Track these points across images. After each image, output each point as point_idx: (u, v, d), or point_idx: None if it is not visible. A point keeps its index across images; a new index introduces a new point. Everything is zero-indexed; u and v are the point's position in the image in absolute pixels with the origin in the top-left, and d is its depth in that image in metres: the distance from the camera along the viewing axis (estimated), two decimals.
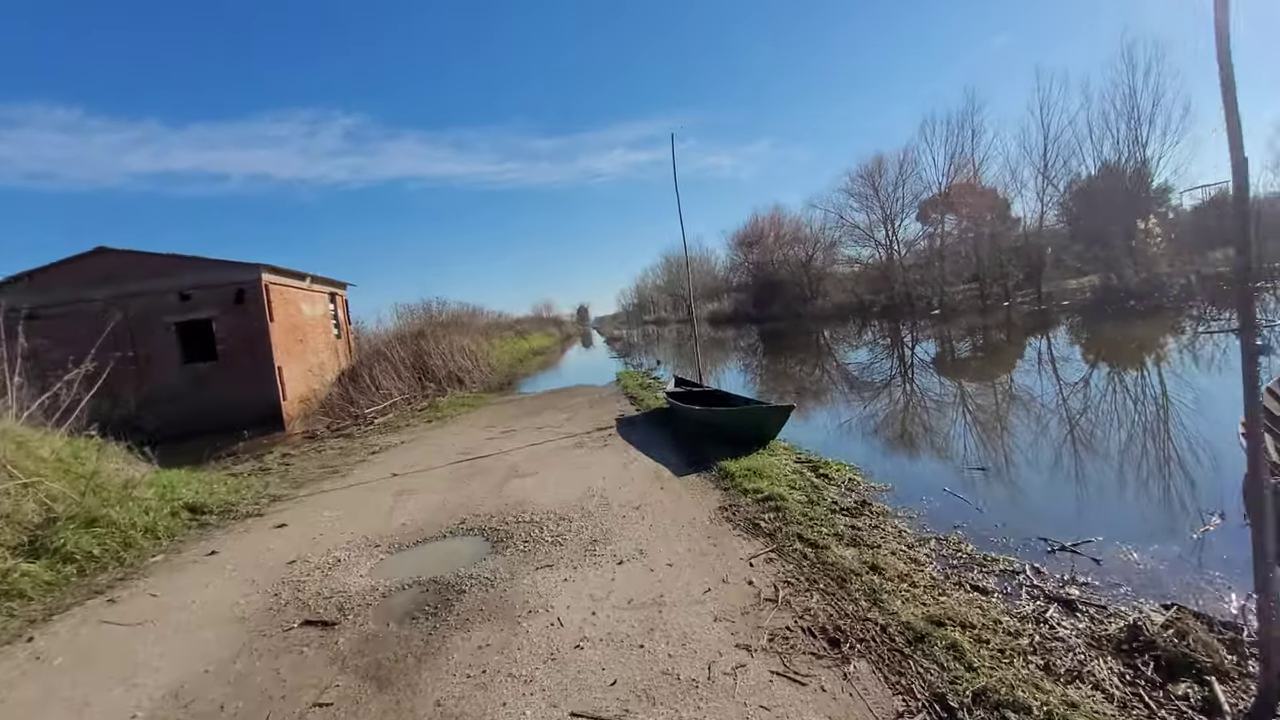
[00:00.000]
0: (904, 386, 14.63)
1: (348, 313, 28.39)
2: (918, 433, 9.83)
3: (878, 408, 12.40)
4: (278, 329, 21.61)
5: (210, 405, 20.98)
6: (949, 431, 9.52)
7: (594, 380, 20.87)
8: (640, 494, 6.63)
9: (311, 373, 23.48)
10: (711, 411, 9.16)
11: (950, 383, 14.31)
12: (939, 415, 11.12)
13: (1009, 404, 11.40)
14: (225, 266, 20.96)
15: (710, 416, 9.07)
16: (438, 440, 11.85)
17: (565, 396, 16.85)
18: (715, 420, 8.87)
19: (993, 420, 10.20)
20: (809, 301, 44.05)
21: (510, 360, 31.66)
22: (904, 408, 12.16)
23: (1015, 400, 11.61)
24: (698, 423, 9.35)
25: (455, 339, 25.63)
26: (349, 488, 8.58)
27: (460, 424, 13.87)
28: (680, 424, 10.18)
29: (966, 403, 11.99)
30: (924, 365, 18.21)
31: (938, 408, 11.84)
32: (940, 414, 11.23)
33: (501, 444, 10.57)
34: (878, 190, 37.35)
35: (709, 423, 9.02)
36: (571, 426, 11.68)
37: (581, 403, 15.10)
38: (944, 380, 14.82)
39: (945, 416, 11.00)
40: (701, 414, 9.34)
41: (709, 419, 9.04)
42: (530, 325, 51.24)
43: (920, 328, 29.00)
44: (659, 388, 16.54)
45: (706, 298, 76.45)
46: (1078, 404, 10.59)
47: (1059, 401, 10.91)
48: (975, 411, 11.26)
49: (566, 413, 13.69)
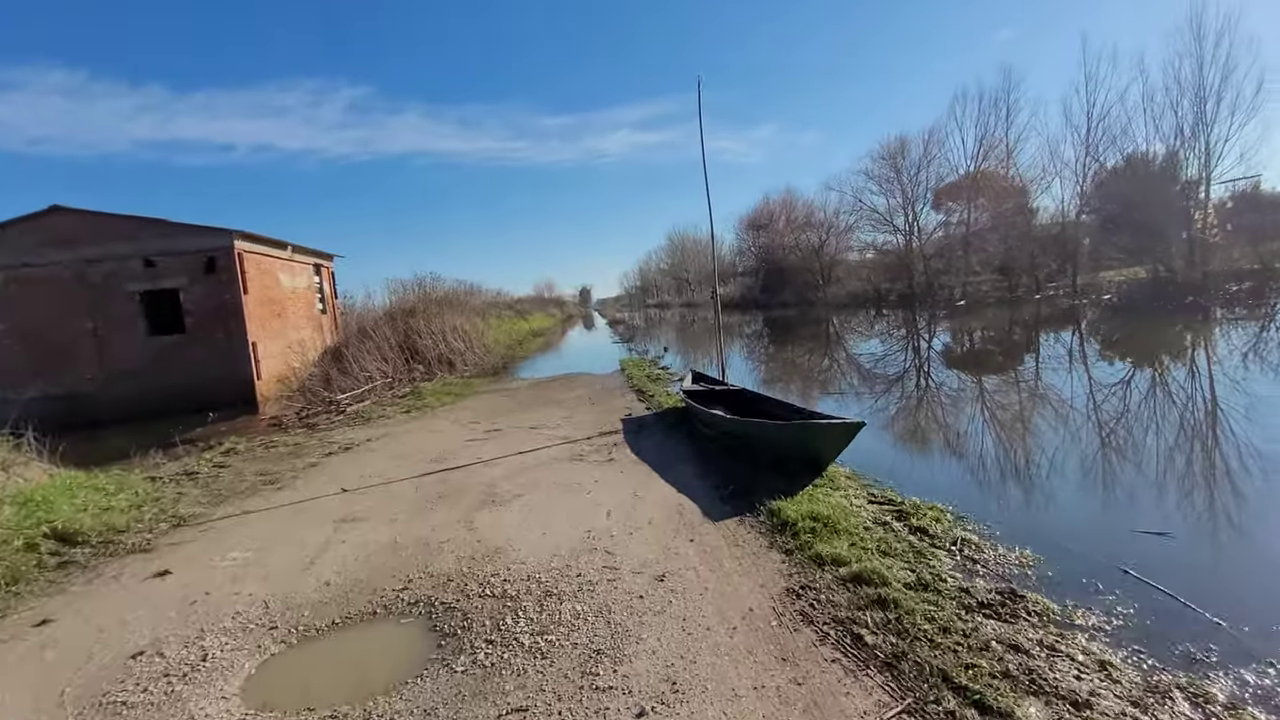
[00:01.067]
0: (967, 386, 12.57)
1: (334, 286, 26.27)
2: (998, 453, 7.70)
3: (939, 415, 10.34)
4: (252, 301, 19.54)
5: (177, 383, 19.00)
6: (1054, 457, 7.17)
7: (596, 367, 18.83)
8: (662, 548, 4.63)
9: (291, 350, 21.45)
10: (751, 424, 7.05)
11: (1033, 384, 12.26)
12: (1020, 429, 8.94)
13: (1147, 419, 9.00)
14: (194, 231, 18.83)
15: (749, 429, 6.97)
16: (410, 439, 9.85)
17: (564, 387, 14.83)
18: (755, 435, 6.80)
19: (1123, 444, 7.60)
20: (821, 289, 41.84)
21: (508, 341, 29.61)
22: (979, 416, 9.96)
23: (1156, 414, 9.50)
24: (730, 435, 7.30)
25: (449, 318, 23.56)
26: (280, 508, 6.58)
27: (441, 418, 11.86)
28: (703, 432, 8.18)
29: (1069, 416, 9.81)
30: (975, 359, 16.15)
31: (1017, 418, 9.54)
32: (1026, 428, 8.88)
33: (483, 449, 8.57)
34: (900, 173, 34.98)
35: (745, 436, 6.96)
36: (569, 428, 9.67)
37: (582, 396, 13.07)
38: (1028, 381, 12.75)
39: (1037, 432, 8.55)
40: (736, 425, 7.26)
41: (746, 432, 6.97)
42: (531, 305, 49.12)
43: (940, 318, 26.91)
44: (669, 380, 14.51)
45: (710, 282, 74.14)
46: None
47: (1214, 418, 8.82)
48: (1087, 427, 9.10)
49: (564, 408, 11.68)
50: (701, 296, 71.07)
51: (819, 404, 11.03)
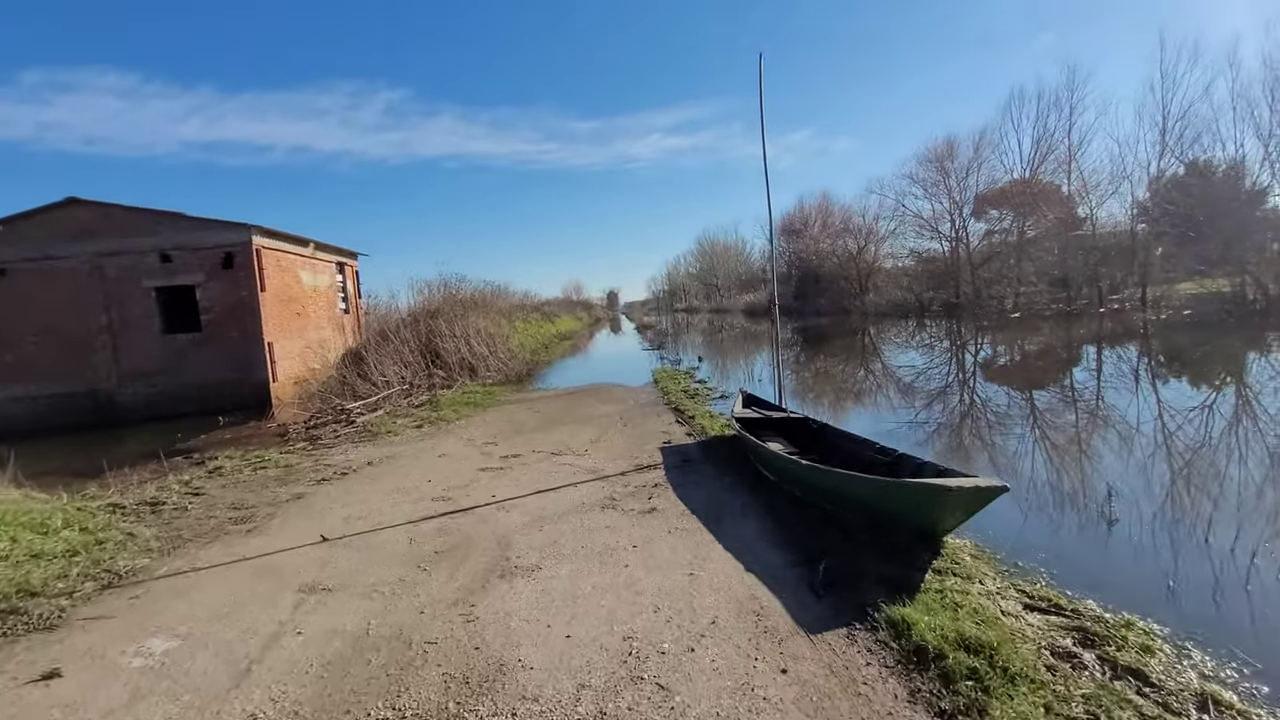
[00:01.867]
0: (1085, 417, 10.71)
1: (358, 285, 25.29)
2: (1184, 520, 5.58)
3: (1060, 457, 8.55)
4: (270, 299, 18.55)
5: (192, 384, 18.11)
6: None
7: (626, 377, 17.34)
8: (738, 683, 3.08)
9: (311, 351, 20.44)
10: (838, 476, 5.24)
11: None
12: (1202, 482, 7.01)
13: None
14: (212, 226, 17.90)
15: (837, 484, 5.24)
16: (417, 465, 8.45)
17: (592, 400, 13.36)
18: (846, 491, 5.14)
19: None
20: (858, 296, 39.76)
21: (534, 345, 28.33)
22: (1124, 458, 7.58)
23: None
24: (806, 485, 5.69)
25: (473, 320, 22.34)
26: (241, 563, 5.20)
27: (455, 435, 10.48)
28: (763, 470, 6.62)
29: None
30: (1081, 383, 14.21)
31: (1189, 468, 7.19)
32: (1214, 483, 6.51)
33: (498, 484, 7.12)
34: (947, 175, 32.80)
35: (830, 491, 5.36)
36: (599, 455, 8.17)
37: (612, 413, 11.58)
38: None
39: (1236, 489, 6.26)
40: (815, 475, 5.52)
41: (832, 487, 5.31)
42: (559, 307, 47.93)
43: (992, 330, 24.81)
44: (708, 397, 12.93)
45: (740, 288, 72.31)
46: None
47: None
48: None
49: (592, 428, 10.20)
50: (731, 302, 69.25)
51: (884, 431, 9.36)
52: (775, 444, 7.46)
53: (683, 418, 10.47)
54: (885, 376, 16.18)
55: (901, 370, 16.97)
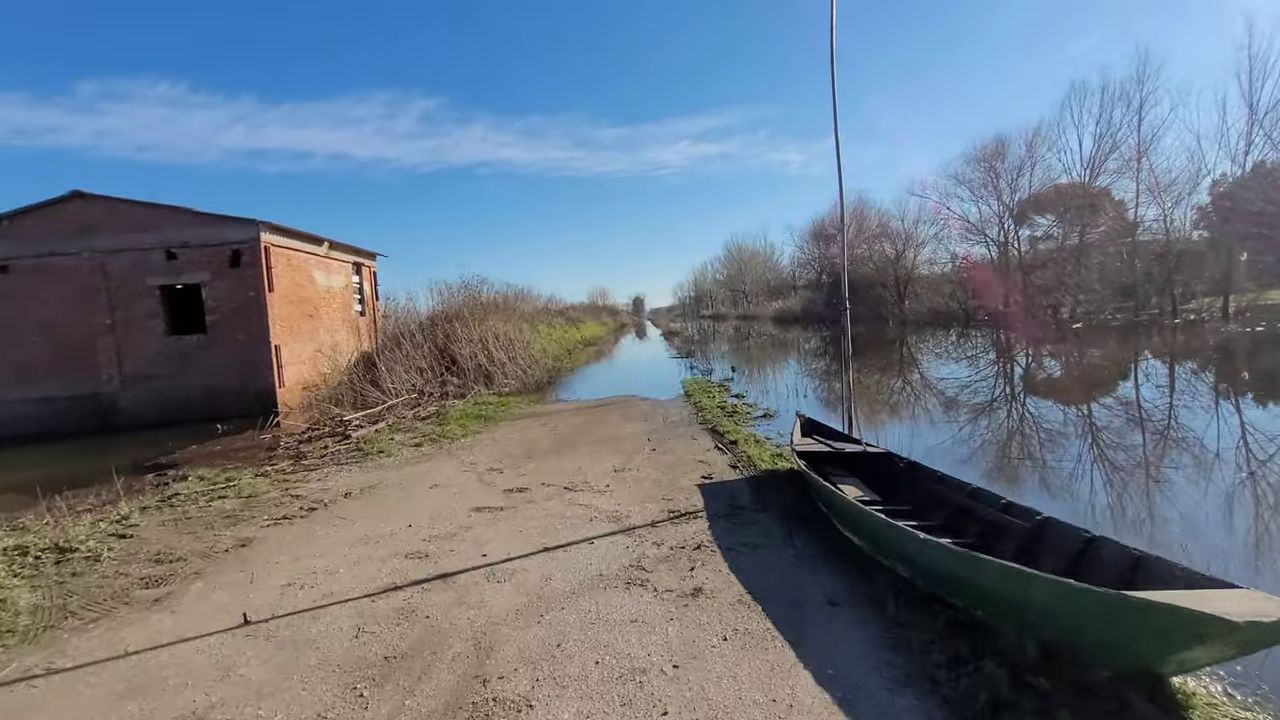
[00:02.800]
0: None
1: (376, 287, 24.08)
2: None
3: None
4: (279, 300, 17.34)
5: (196, 387, 16.95)
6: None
7: (653, 387, 15.62)
8: None
9: (323, 354, 19.19)
10: (1012, 574, 3.13)
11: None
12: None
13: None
14: (218, 222, 16.75)
15: (1003, 583, 3.21)
16: (402, 497, 6.86)
17: (616, 415, 11.68)
18: (1021, 595, 3.13)
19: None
20: (896, 304, 37.45)
21: (557, 350, 26.81)
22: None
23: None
24: (930, 572, 3.86)
25: (492, 324, 20.89)
26: (113, 661, 3.62)
27: (457, 456, 8.89)
28: (846, 531, 4.85)
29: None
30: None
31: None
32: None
33: (493, 532, 5.47)
34: (998, 176, 30.40)
35: (986, 590, 3.41)
36: (622, 492, 6.47)
37: (638, 433, 9.87)
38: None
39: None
40: (959, 563, 3.49)
41: (996, 587, 3.30)
42: (583, 312, 46.48)
43: (1055, 343, 22.45)
44: (748, 415, 11.13)
45: (769, 295, 70.13)
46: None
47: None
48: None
49: (615, 451, 8.51)
50: (759, 309, 67.11)
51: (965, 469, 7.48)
52: (850, 486, 5.67)
53: (723, 443, 8.70)
54: (951, 405, 14.15)
55: (963, 393, 14.91)
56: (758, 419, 10.78)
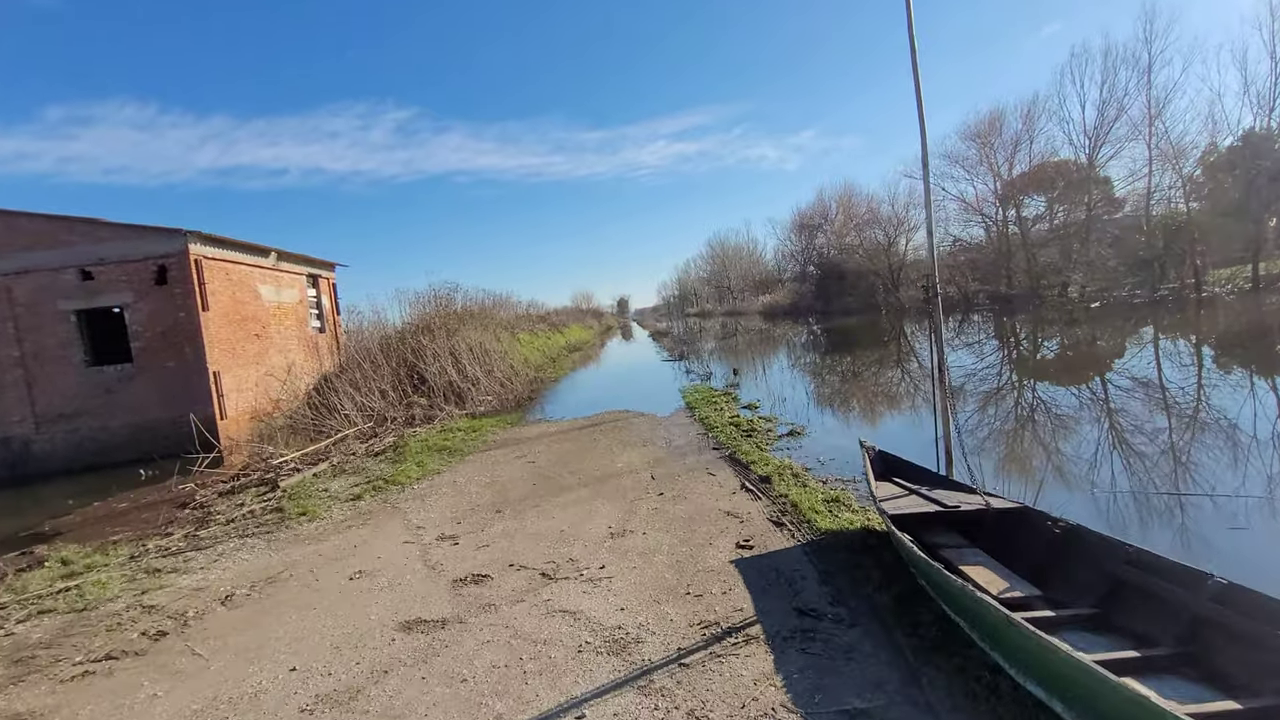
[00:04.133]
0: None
1: (337, 300, 21.64)
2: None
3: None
4: (217, 320, 14.93)
5: (123, 424, 14.51)
6: None
7: (648, 399, 13.45)
8: None
9: (274, 379, 16.78)
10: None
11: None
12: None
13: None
14: (139, 234, 14.31)
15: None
16: (305, 596, 4.64)
17: (608, 439, 9.49)
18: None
19: None
20: (890, 292, 35.62)
21: (539, 359, 24.57)
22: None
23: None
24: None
25: (466, 335, 18.60)
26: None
27: (404, 513, 6.66)
28: (1011, 667, 2.75)
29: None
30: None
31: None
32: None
33: (417, 684, 3.28)
34: (994, 151, 28.55)
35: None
36: (625, 580, 4.31)
37: (638, 465, 7.70)
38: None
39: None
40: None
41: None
42: (567, 317, 44.15)
43: (1070, 324, 20.65)
44: (769, 432, 9.01)
45: (756, 290, 68.32)
46: None
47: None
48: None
49: (610, 499, 6.34)
50: (745, 304, 65.25)
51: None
52: (980, 569, 3.56)
53: (751, 480, 6.56)
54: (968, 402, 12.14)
55: (970, 381, 12.91)
56: (782, 438, 8.65)
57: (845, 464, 7.12)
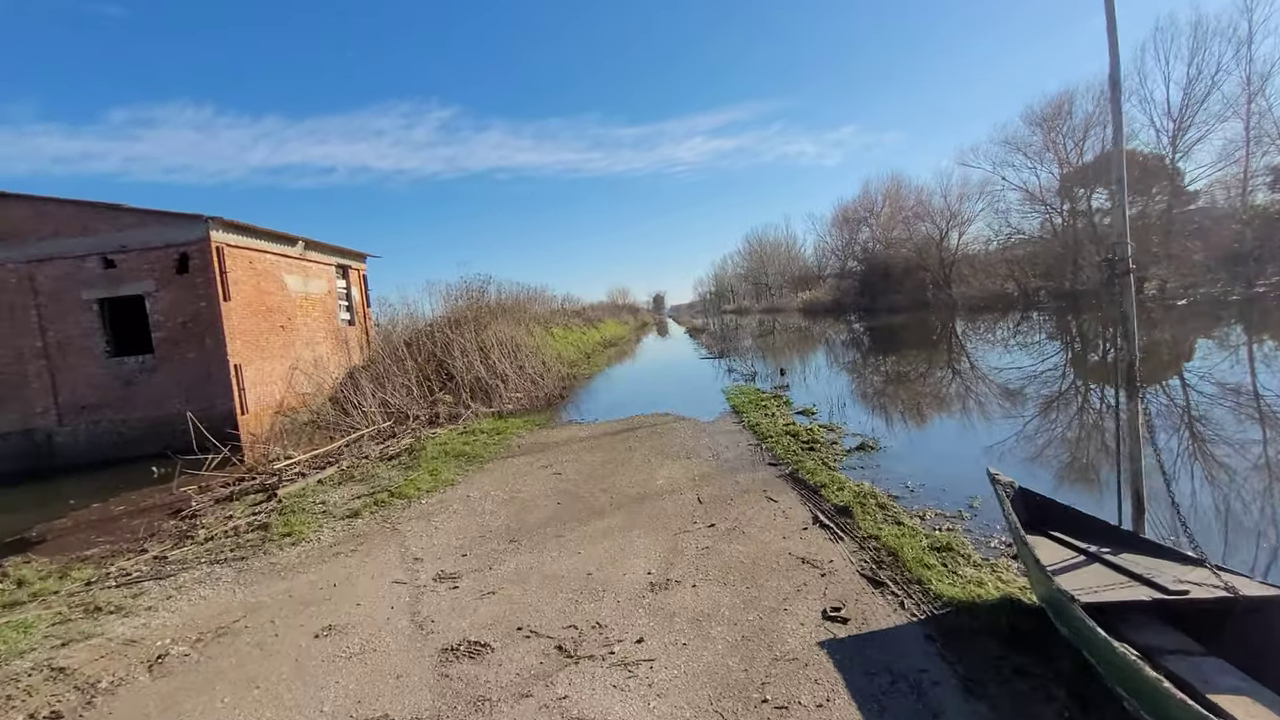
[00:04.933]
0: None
1: (367, 292, 20.94)
2: None
3: None
4: (239, 310, 14.27)
5: (142, 418, 13.96)
6: None
7: (689, 400, 12.13)
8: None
9: (300, 372, 16.09)
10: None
11: None
12: None
13: None
14: (160, 220, 13.70)
15: None
16: (252, 661, 3.53)
17: (646, 448, 8.21)
18: None
19: None
20: (942, 288, 33.33)
21: (574, 354, 23.49)
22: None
23: None
24: None
25: (496, 330, 17.60)
26: None
27: (401, 535, 5.53)
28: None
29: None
30: None
31: None
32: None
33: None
34: (1064, 137, 26.05)
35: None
36: (672, 668, 3.04)
37: (681, 484, 6.40)
38: None
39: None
40: None
41: None
42: (603, 312, 43.03)
43: (1164, 324, 18.40)
44: (833, 445, 7.58)
45: (795, 286, 66.04)
46: None
47: None
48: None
49: (649, 529, 5.06)
50: (784, 301, 63.09)
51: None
52: (1245, 702, 2.14)
53: (824, 510, 5.18)
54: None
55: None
56: (851, 454, 7.21)
57: (940, 492, 5.66)
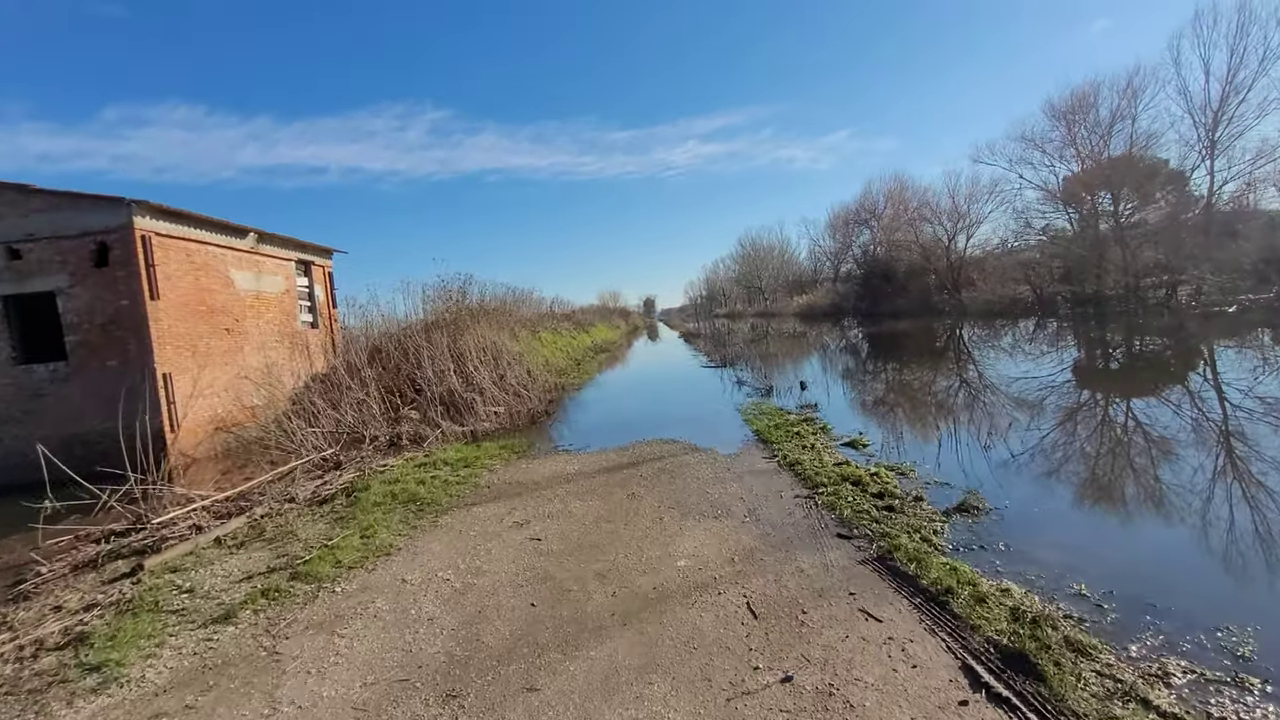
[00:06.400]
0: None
1: (333, 291, 18.61)
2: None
3: None
4: (172, 310, 12.00)
5: (56, 436, 11.50)
6: None
7: (696, 420, 10.00)
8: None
9: (249, 381, 13.78)
10: None
11: None
12: None
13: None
14: (75, 204, 11.40)
15: None
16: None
17: (655, 499, 6.05)
18: None
19: None
20: (951, 293, 31.43)
21: (562, 362, 21.28)
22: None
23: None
24: None
25: (479, 334, 15.37)
26: None
27: (269, 680, 3.35)
28: None
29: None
30: None
31: None
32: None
33: None
34: (1089, 132, 24.23)
35: None
36: None
37: (713, 563, 4.22)
38: None
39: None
40: None
41: None
42: (594, 315, 40.78)
43: (1216, 335, 16.53)
44: (914, 501, 5.41)
45: (789, 291, 64.20)
46: None
47: None
48: None
49: (687, 696, 2.88)
50: (779, 305, 61.19)
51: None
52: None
53: (980, 652, 3.04)
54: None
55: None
56: (951, 515, 5.07)
57: (1147, 607, 3.53)
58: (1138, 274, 21.92)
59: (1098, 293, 23.37)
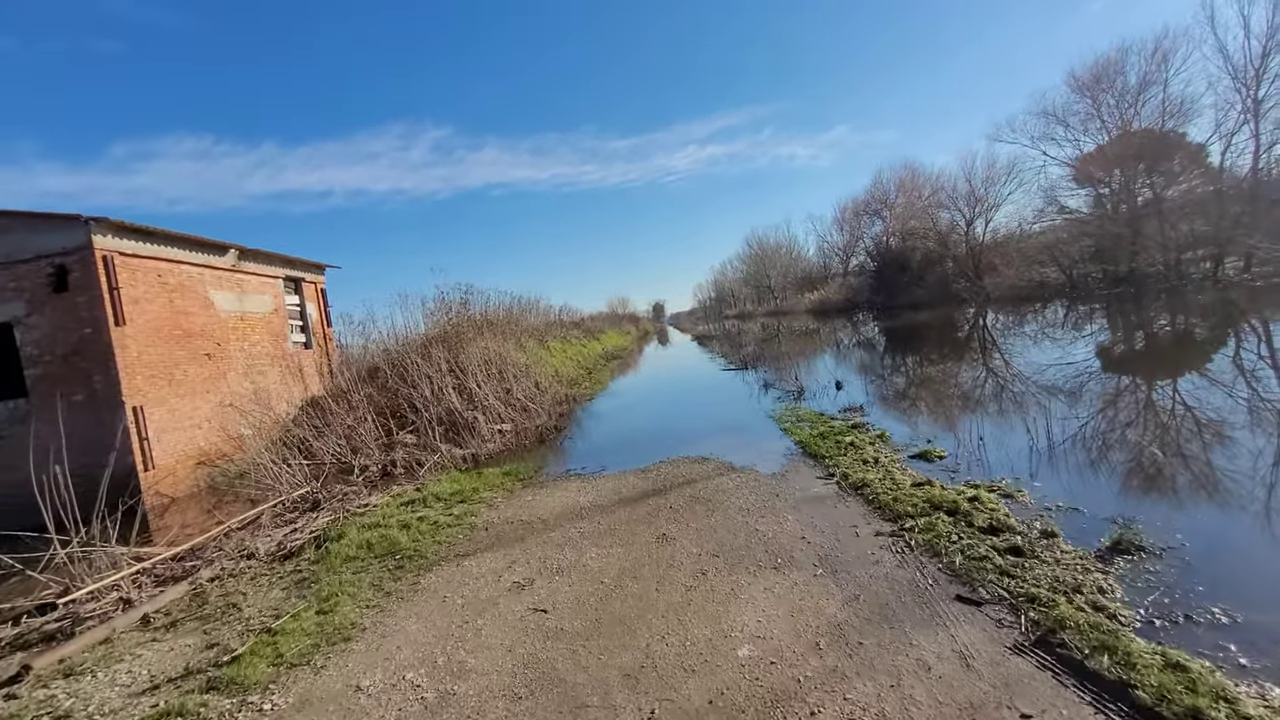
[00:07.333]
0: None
1: (327, 310, 17.43)
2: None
3: None
4: (140, 336, 10.86)
5: (10, 480, 10.45)
6: None
7: (725, 430, 8.62)
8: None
9: (235, 409, 12.59)
10: None
11: None
12: None
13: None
14: (29, 224, 10.31)
15: None
16: None
17: (694, 547, 4.67)
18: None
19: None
20: (972, 280, 29.81)
21: (573, 372, 19.96)
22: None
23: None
24: None
25: (483, 347, 14.08)
26: None
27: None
28: None
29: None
30: None
31: None
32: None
33: None
34: (1117, 102, 22.59)
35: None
36: None
37: (790, 653, 2.79)
38: None
39: None
40: None
41: None
42: (603, 322, 39.55)
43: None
44: (1034, 540, 3.90)
45: (799, 288, 62.62)
46: None
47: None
48: None
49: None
50: (789, 303, 59.61)
51: None
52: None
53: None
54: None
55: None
56: (1104, 557, 3.65)
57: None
58: (1179, 248, 20.28)
59: (1133, 270, 21.71)
